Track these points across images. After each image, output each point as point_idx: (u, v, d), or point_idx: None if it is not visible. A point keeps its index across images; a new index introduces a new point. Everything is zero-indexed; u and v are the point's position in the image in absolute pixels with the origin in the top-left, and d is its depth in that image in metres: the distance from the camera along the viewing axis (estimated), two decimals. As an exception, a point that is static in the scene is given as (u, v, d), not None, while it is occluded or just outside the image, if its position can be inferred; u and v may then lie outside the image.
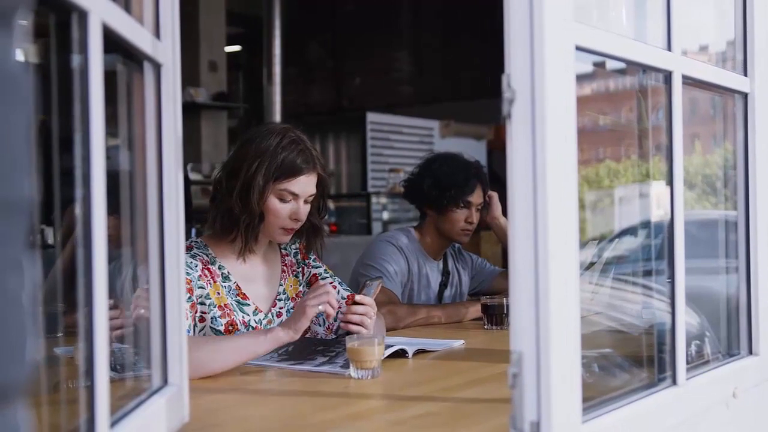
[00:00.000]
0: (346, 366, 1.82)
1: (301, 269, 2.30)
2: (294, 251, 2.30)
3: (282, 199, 2.09)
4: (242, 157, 2.09)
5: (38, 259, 0.58)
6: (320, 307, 1.89)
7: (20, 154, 0.51)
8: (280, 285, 2.23)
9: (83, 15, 0.95)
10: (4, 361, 0.52)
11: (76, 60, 0.97)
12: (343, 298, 2.27)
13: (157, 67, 1.29)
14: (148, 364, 1.30)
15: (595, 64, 1.38)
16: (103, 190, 0.98)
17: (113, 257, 1.03)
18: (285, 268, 2.26)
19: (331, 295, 1.92)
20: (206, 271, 2.07)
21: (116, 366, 1.28)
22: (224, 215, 2.10)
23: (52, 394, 1.13)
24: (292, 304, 2.22)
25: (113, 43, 1.06)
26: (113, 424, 1.04)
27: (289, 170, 2.06)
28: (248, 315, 2.11)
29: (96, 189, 0.96)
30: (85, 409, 0.96)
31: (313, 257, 2.33)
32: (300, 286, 2.27)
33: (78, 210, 0.97)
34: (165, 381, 1.31)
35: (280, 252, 2.28)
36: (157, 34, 1.29)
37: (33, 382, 0.58)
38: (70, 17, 0.95)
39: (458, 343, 2.26)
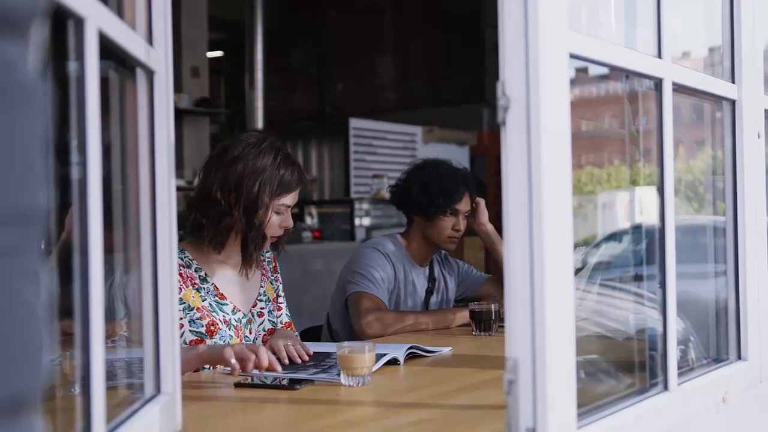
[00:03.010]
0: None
1: (275, 277, 2.40)
2: (267, 260, 2.39)
3: (278, 213, 2.19)
4: (236, 174, 2.12)
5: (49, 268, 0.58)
6: (233, 360, 1.81)
7: (36, 164, 0.51)
8: (261, 287, 2.32)
9: (80, 22, 0.95)
10: (21, 372, 0.51)
11: (71, 66, 0.96)
12: (281, 323, 2.35)
13: (150, 74, 1.28)
14: (141, 373, 1.29)
15: (578, 70, 1.37)
16: (99, 196, 0.97)
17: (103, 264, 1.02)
18: (264, 271, 2.36)
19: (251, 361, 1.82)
20: (178, 276, 2.09)
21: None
22: (224, 231, 2.14)
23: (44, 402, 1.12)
24: (272, 306, 2.33)
25: (106, 49, 1.06)
26: (108, 433, 1.03)
27: (288, 187, 2.19)
28: (228, 314, 2.17)
29: (92, 196, 0.96)
30: (81, 418, 0.96)
31: (277, 273, 2.42)
32: (274, 292, 2.37)
33: (73, 217, 0.96)
34: (158, 390, 1.30)
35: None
36: (149, 41, 1.28)
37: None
38: (65, 23, 0.95)
39: (446, 350, 2.26)
